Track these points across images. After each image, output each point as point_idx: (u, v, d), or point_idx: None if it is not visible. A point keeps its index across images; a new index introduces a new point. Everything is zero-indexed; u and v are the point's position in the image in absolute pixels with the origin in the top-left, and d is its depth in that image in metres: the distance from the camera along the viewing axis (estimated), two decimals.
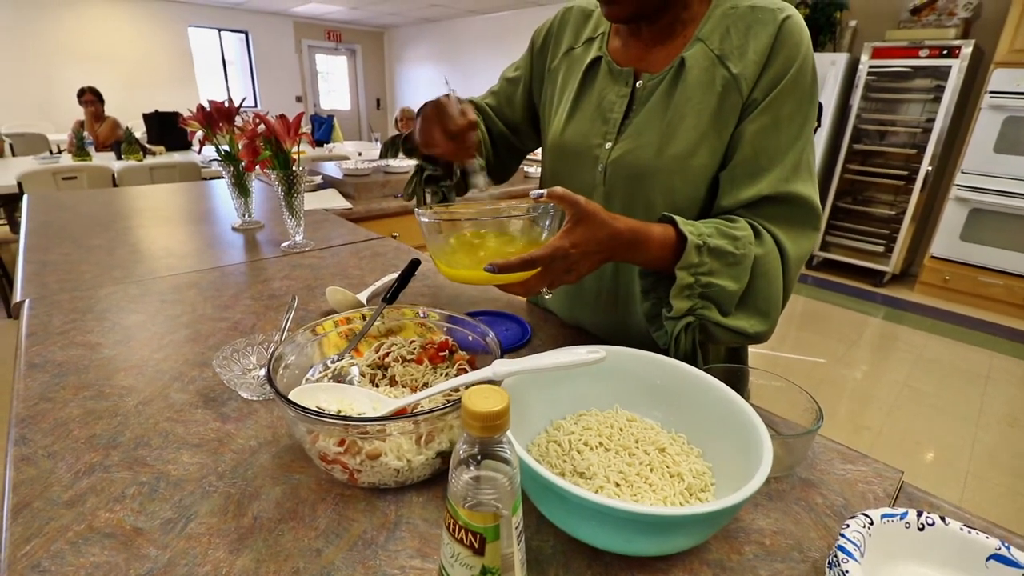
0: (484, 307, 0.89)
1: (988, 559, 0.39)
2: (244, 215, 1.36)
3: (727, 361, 0.78)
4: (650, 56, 0.68)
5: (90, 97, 4.11)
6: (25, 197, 1.61)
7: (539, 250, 0.52)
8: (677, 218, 0.59)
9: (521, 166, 0.95)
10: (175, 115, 3.91)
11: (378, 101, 9.02)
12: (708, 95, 0.63)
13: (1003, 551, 0.39)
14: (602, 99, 0.71)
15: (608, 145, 0.70)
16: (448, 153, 0.67)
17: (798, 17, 0.61)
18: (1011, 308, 3.25)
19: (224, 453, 0.53)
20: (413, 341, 0.63)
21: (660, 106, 0.66)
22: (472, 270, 0.57)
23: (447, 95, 0.67)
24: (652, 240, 0.58)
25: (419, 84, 8.45)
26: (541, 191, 0.54)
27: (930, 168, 3.43)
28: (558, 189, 0.53)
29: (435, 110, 0.66)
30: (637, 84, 0.68)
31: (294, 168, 1.11)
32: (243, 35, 7.40)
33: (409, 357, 0.60)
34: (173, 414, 0.59)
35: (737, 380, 0.57)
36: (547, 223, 0.59)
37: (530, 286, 0.56)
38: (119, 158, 3.47)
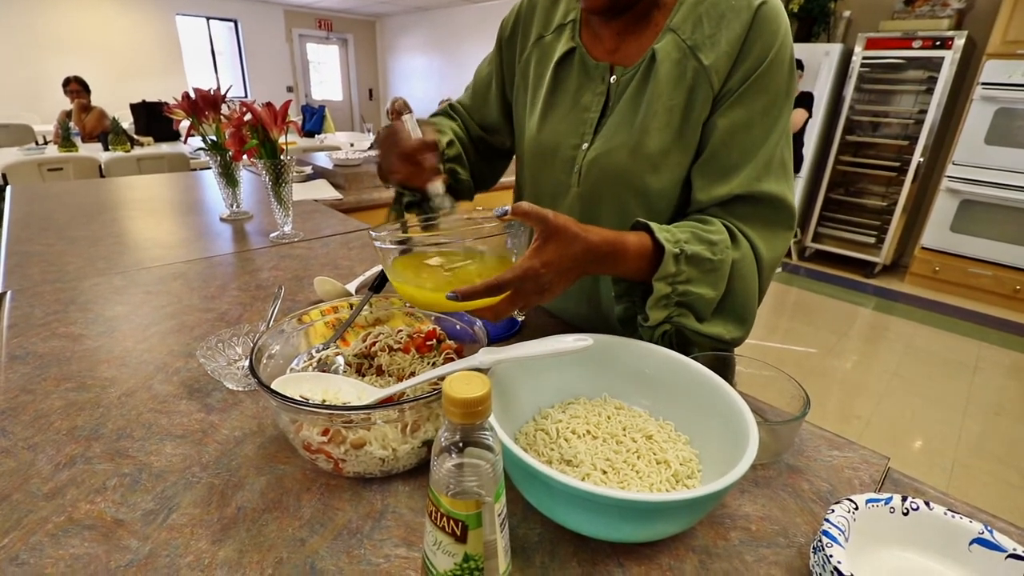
0: None
1: (971, 543, 0.39)
2: (232, 205, 1.34)
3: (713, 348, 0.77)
4: (623, 47, 0.65)
5: (75, 87, 4.03)
6: (8, 188, 1.58)
7: (506, 273, 0.47)
8: (653, 225, 0.56)
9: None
10: (163, 105, 3.85)
11: (370, 91, 8.92)
12: (679, 90, 0.60)
13: (986, 535, 0.39)
14: (578, 98, 0.68)
15: (584, 146, 0.67)
16: (407, 178, 0.65)
17: (775, 2, 0.58)
18: (999, 299, 3.29)
19: (208, 444, 0.52)
20: (400, 330, 0.62)
21: (632, 104, 0.63)
22: (434, 294, 0.51)
23: (401, 119, 0.66)
24: (628, 251, 0.54)
25: (412, 74, 8.36)
26: (505, 208, 0.49)
27: (922, 159, 3.45)
28: (524, 205, 0.48)
29: (388, 136, 0.65)
30: (611, 80, 0.66)
31: (282, 157, 1.09)
32: (232, 24, 7.28)
33: (396, 346, 0.60)
34: (156, 405, 0.58)
35: (723, 368, 0.57)
36: (515, 239, 0.54)
37: (499, 310, 0.50)
38: (106, 149, 3.41)
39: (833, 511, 0.40)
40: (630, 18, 0.64)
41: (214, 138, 1.24)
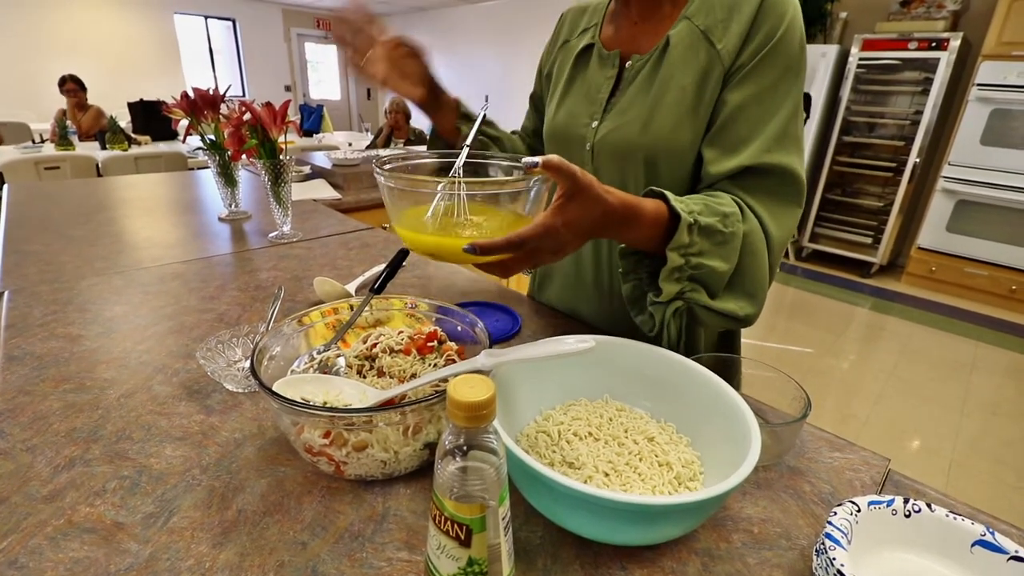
0: (474, 298, 0.88)
1: (973, 545, 0.39)
2: (231, 205, 1.33)
3: (719, 348, 0.77)
4: (640, 38, 0.69)
5: (71, 86, 4.01)
6: (5, 187, 1.58)
7: (527, 229, 0.46)
8: (668, 194, 0.55)
9: None
10: (161, 104, 3.83)
11: (369, 91, 8.90)
12: (691, 70, 0.63)
13: (988, 536, 0.39)
14: (591, 83, 0.73)
15: (595, 124, 0.70)
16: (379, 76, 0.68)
17: None
18: (995, 298, 3.30)
19: (208, 446, 0.52)
20: (401, 332, 0.62)
21: (645, 85, 0.66)
22: (442, 239, 0.49)
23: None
24: (645, 217, 0.53)
25: None
26: (535, 160, 0.47)
27: (918, 160, 3.46)
28: (554, 158, 0.46)
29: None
30: (626, 65, 0.69)
31: (281, 157, 1.09)
32: (230, 23, 7.26)
33: (397, 348, 0.59)
34: (156, 407, 0.58)
35: (728, 369, 0.57)
36: (532, 193, 0.52)
37: (509, 266, 0.50)
38: (103, 147, 3.40)
39: (835, 513, 0.40)
40: (646, 11, 0.68)
41: (213, 137, 1.24)
